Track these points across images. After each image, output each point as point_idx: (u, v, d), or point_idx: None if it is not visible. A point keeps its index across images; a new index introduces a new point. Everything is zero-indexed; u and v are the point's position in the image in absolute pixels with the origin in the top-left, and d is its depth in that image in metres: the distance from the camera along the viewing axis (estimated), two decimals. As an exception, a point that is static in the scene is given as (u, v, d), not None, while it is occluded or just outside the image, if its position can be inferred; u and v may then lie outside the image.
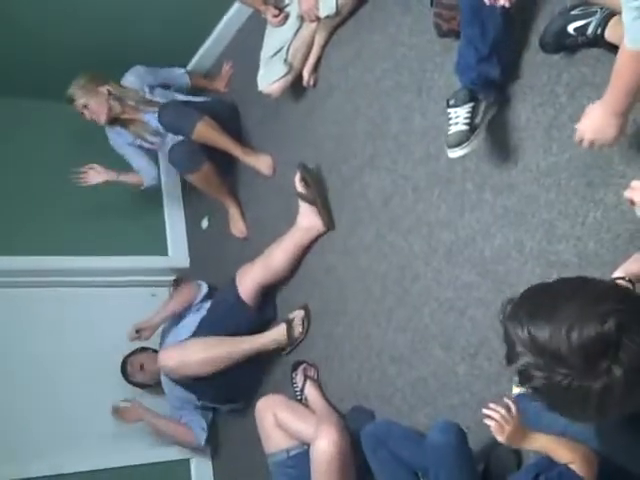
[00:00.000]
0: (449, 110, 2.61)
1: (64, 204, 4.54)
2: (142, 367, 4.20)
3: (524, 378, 1.34)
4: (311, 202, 3.61)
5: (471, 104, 2.58)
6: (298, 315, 3.68)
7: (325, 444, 2.99)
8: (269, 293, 3.92)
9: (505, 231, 2.66)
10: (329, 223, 3.60)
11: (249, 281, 3.83)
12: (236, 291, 3.84)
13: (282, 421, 3.34)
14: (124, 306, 4.43)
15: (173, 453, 4.34)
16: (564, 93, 2.46)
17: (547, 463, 2.07)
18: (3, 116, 4.50)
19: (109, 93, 4.16)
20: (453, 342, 2.87)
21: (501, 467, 2.48)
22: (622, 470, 1.86)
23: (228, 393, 4.00)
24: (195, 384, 3.84)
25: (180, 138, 4.08)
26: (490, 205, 2.74)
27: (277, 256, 3.77)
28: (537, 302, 1.37)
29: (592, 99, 2.33)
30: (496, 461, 2.50)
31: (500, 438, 2.07)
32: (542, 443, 2.07)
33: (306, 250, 3.74)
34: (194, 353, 3.71)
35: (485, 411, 2.10)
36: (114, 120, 4.25)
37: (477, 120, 2.60)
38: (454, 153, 2.59)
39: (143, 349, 4.24)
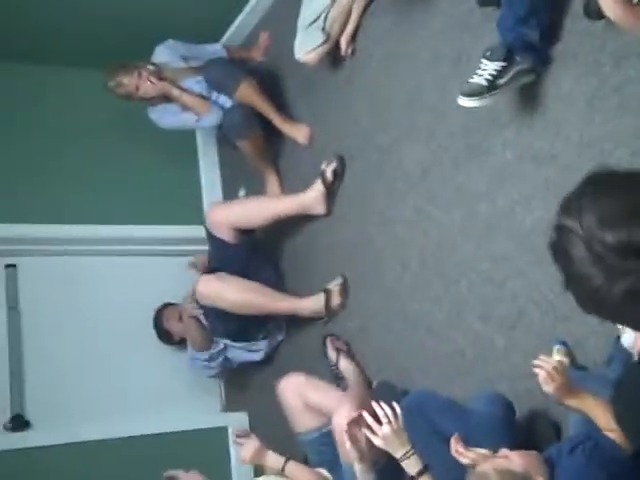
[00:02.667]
0: (482, 59, 2.58)
1: (102, 173, 4.57)
2: (180, 318, 4.22)
3: (556, 233, 1.26)
4: (328, 192, 3.71)
5: (503, 63, 2.55)
6: (336, 285, 3.66)
7: (341, 419, 2.97)
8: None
9: (546, 202, 2.63)
10: (330, 212, 3.74)
11: (221, 221, 3.98)
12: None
13: (308, 400, 3.28)
14: (161, 275, 4.46)
15: (212, 420, 4.39)
16: (608, 62, 2.42)
17: (586, 434, 2.06)
18: (40, 84, 4.54)
19: (144, 70, 4.16)
20: (491, 314, 2.86)
21: (540, 439, 2.47)
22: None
23: (240, 334, 4.07)
24: (216, 317, 3.92)
25: (229, 103, 4.10)
26: (530, 176, 2.71)
27: (261, 211, 3.93)
28: (616, 182, 1.26)
29: (638, 69, 2.30)
30: (535, 433, 2.49)
31: (547, 388, 2.05)
32: (588, 404, 2.05)
33: (287, 221, 3.88)
34: (233, 291, 3.75)
35: (535, 362, 2.09)
36: (156, 97, 4.24)
37: (501, 81, 2.56)
38: (462, 101, 2.60)
39: (171, 304, 4.30)
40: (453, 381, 3.04)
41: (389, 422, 2.50)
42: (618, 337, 2.25)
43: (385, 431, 2.47)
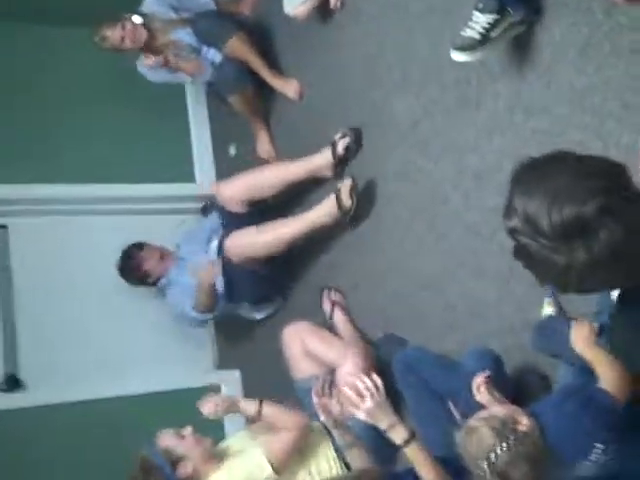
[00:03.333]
0: (474, 12, 2.54)
1: (92, 132, 4.53)
2: (162, 257, 4.14)
3: (511, 235, 1.39)
4: (338, 165, 3.62)
5: (495, 16, 2.51)
6: (345, 185, 3.45)
7: (348, 370, 2.99)
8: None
9: (536, 153, 2.59)
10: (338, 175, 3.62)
11: (234, 191, 3.93)
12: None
13: (310, 348, 3.35)
14: (152, 234, 4.43)
15: (204, 378, 4.40)
16: (599, 10, 2.37)
17: (579, 386, 2.06)
18: (30, 43, 4.49)
19: (128, 22, 4.10)
20: (482, 267, 2.86)
21: (530, 393, 2.48)
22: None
23: (265, 289, 4.05)
24: (241, 279, 3.88)
25: (219, 57, 4.06)
26: (521, 127, 2.69)
27: (269, 176, 3.85)
28: (535, 172, 1.39)
29: (630, 17, 2.26)
30: (525, 387, 2.49)
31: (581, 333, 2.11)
32: (600, 353, 2.06)
33: (298, 186, 3.78)
34: (261, 233, 3.70)
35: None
36: (147, 48, 4.16)
37: (493, 34, 2.53)
38: (455, 55, 2.57)
39: (145, 244, 4.22)
40: (446, 335, 3.04)
41: (372, 395, 2.50)
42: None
43: (368, 405, 2.47)
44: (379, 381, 2.49)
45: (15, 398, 4.01)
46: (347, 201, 3.40)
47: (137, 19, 4.09)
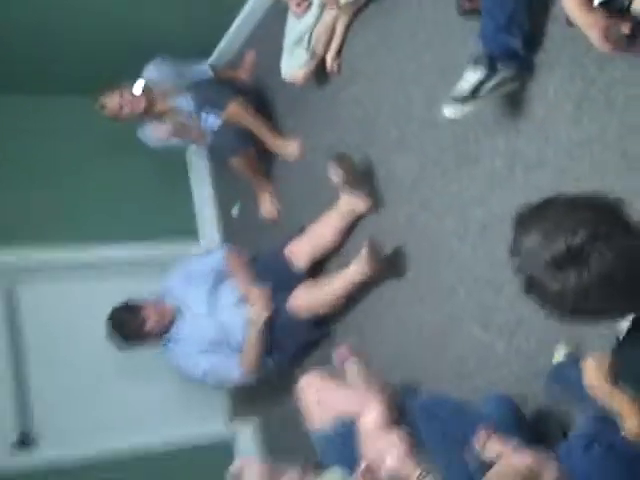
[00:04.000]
0: (466, 69, 2.61)
1: (92, 195, 4.62)
2: (156, 312, 3.92)
3: (519, 271, 1.52)
4: (353, 191, 3.54)
5: (484, 73, 2.58)
6: (365, 252, 3.39)
7: (371, 418, 2.99)
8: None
9: (538, 205, 2.65)
10: (373, 205, 3.54)
11: (301, 257, 3.83)
12: (284, 258, 3.86)
13: (325, 397, 3.31)
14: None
15: (218, 432, 4.41)
16: (592, 65, 2.44)
17: (599, 430, 2.06)
18: (31, 112, 4.59)
19: (126, 90, 4.19)
20: (490, 320, 2.88)
21: (548, 440, 2.48)
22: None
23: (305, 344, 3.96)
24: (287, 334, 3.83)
25: (218, 123, 4.12)
26: (521, 181, 2.74)
27: (324, 234, 3.76)
28: (532, 212, 1.53)
29: (623, 70, 2.34)
30: (543, 434, 2.50)
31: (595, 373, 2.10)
32: (621, 402, 2.06)
33: (350, 228, 3.71)
34: (323, 294, 3.66)
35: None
36: (145, 114, 4.26)
37: (483, 91, 2.60)
38: (444, 110, 2.64)
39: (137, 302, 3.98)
40: (455, 388, 3.04)
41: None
42: (618, 338, 2.27)
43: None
44: (406, 432, 2.51)
45: (28, 456, 4.02)
46: (372, 264, 3.37)
47: (137, 89, 4.19)
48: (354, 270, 3.45)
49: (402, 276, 3.35)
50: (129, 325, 3.90)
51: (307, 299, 3.71)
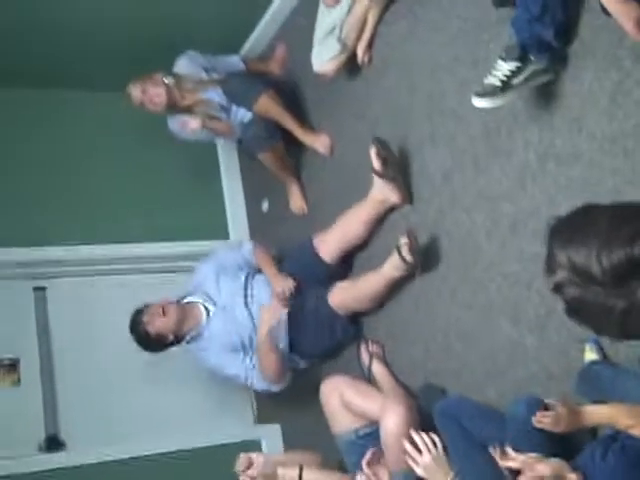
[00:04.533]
0: (497, 60, 2.58)
1: (126, 192, 4.63)
2: (163, 312, 3.84)
3: (558, 290, 1.37)
4: (389, 180, 3.46)
5: (517, 63, 2.54)
6: (404, 243, 3.29)
7: (393, 422, 2.99)
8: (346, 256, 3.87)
9: (570, 200, 2.60)
10: (407, 198, 3.48)
11: (329, 249, 3.79)
12: (313, 250, 3.81)
13: (348, 401, 3.34)
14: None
15: (244, 433, 4.39)
16: (628, 57, 2.40)
17: (611, 436, 2.04)
18: (56, 107, 4.61)
19: (164, 80, 4.19)
20: (520, 315, 2.85)
21: (576, 440, 2.44)
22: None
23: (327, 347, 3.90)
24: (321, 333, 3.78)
25: (248, 116, 4.11)
26: (554, 175, 2.69)
27: (352, 226, 3.70)
28: (572, 223, 1.38)
29: (658, 62, 2.28)
30: (571, 434, 2.46)
31: (559, 430, 2.05)
32: (602, 414, 2.04)
33: (381, 220, 3.66)
34: (359, 289, 3.60)
35: (534, 420, 2.07)
36: (175, 107, 4.26)
37: (515, 81, 2.55)
38: (475, 102, 2.59)
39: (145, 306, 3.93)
40: (485, 385, 3.02)
41: (429, 451, 2.50)
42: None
43: (426, 460, 2.48)
44: (437, 438, 2.50)
45: (56, 458, 4.01)
46: (408, 257, 3.26)
47: (169, 79, 4.18)
48: (392, 265, 3.36)
49: (432, 272, 3.31)
50: (141, 326, 3.88)
51: (344, 296, 3.66)
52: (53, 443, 4.08)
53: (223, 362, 3.86)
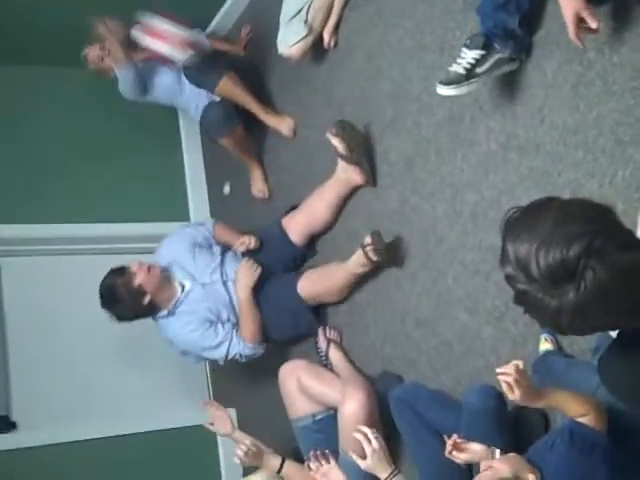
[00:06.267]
0: (462, 48, 2.56)
1: (85, 171, 4.55)
2: (149, 269, 3.67)
3: (508, 282, 1.43)
4: (352, 162, 3.44)
5: (482, 52, 2.52)
6: (367, 243, 3.26)
7: (352, 407, 2.99)
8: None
9: (531, 192, 2.61)
10: (370, 180, 3.45)
11: (297, 230, 3.77)
12: (282, 230, 3.80)
13: (306, 386, 3.34)
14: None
15: (199, 417, 4.36)
16: (591, 48, 2.39)
17: (561, 425, 2.05)
18: (21, 84, 4.52)
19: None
20: (478, 305, 2.85)
21: (528, 427, 2.46)
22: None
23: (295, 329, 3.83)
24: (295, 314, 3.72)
25: (205, 101, 4.07)
26: (515, 165, 2.69)
27: (319, 207, 3.68)
28: (523, 219, 1.42)
29: (621, 54, 2.28)
30: (523, 421, 2.48)
31: (512, 397, 2.05)
32: (555, 399, 2.05)
33: (346, 200, 3.63)
34: (333, 282, 3.54)
35: (498, 370, 2.08)
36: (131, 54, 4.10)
37: (479, 69, 2.54)
38: (440, 89, 2.58)
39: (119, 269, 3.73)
40: (441, 373, 3.02)
41: (373, 451, 2.55)
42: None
43: (369, 462, 2.53)
44: (379, 436, 2.53)
45: (7, 439, 3.97)
46: (374, 257, 3.24)
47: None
48: (357, 262, 3.33)
49: (392, 259, 3.30)
50: (117, 285, 3.64)
51: (314, 289, 3.62)
52: (4, 424, 4.02)
53: (206, 334, 3.71)
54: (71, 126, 4.58)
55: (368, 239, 3.21)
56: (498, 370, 2.08)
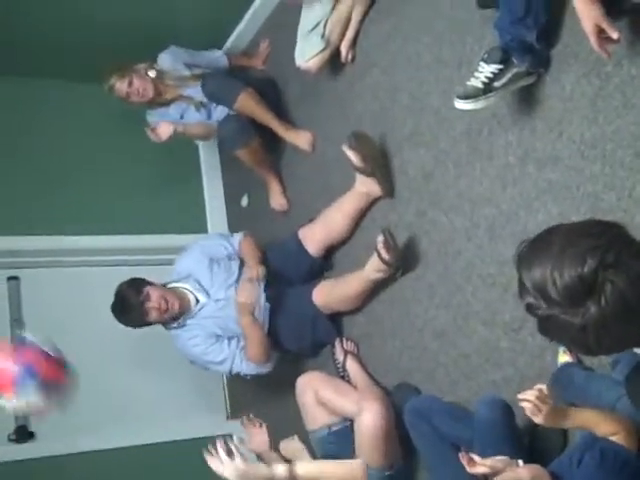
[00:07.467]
0: (480, 62, 2.57)
1: (104, 184, 4.59)
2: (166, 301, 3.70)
3: (529, 312, 1.43)
4: (368, 174, 3.45)
5: (499, 66, 2.54)
6: (379, 242, 3.27)
7: (369, 418, 2.99)
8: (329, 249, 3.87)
9: (549, 205, 2.62)
10: (389, 191, 3.46)
11: (314, 241, 3.78)
12: (299, 242, 3.81)
13: (323, 397, 3.34)
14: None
15: (216, 428, 4.37)
16: (610, 62, 2.40)
17: (591, 441, 2.04)
18: (42, 97, 4.57)
19: (146, 71, 4.17)
20: (496, 317, 2.85)
21: (546, 442, 2.45)
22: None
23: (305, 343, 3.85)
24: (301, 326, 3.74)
25: (225, 112, 4.10)
26: (533, 178, 2.70)
27: (337, 219, 3.69)
28: (533, 247, 1.44)
29: (639, 67, 2.29)
30: (542, 436, 2.47)
31: (537, 420, 2.05)
32: (583, 418, 2.04)
33: (364, 213, 3.65)
34: (348, 289, 3.54)
35: (519, 396, 2.08)
36: (156, 101, 4.23)
37: (497, 83, 2.55)
38: (458, 104, 2.59)
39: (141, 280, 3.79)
40: (459, 385, 3.02)
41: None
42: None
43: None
44: None
45: (26, 449, 3.99)
46: (386, 255, 3.24)
47: (152, 73, 4.17)
48: (372, 267, 3.33)
49: (409, 271, 3.31)
50: (130, 301, 3.70)
51: (329, 298, 3.63)
52: (23, 434, 4.04)
53: (210, 349, 3.76)
54: (90, 140, 4.63)
55: (380, 237, 3.22)
56: (519, 396, 2.09)
